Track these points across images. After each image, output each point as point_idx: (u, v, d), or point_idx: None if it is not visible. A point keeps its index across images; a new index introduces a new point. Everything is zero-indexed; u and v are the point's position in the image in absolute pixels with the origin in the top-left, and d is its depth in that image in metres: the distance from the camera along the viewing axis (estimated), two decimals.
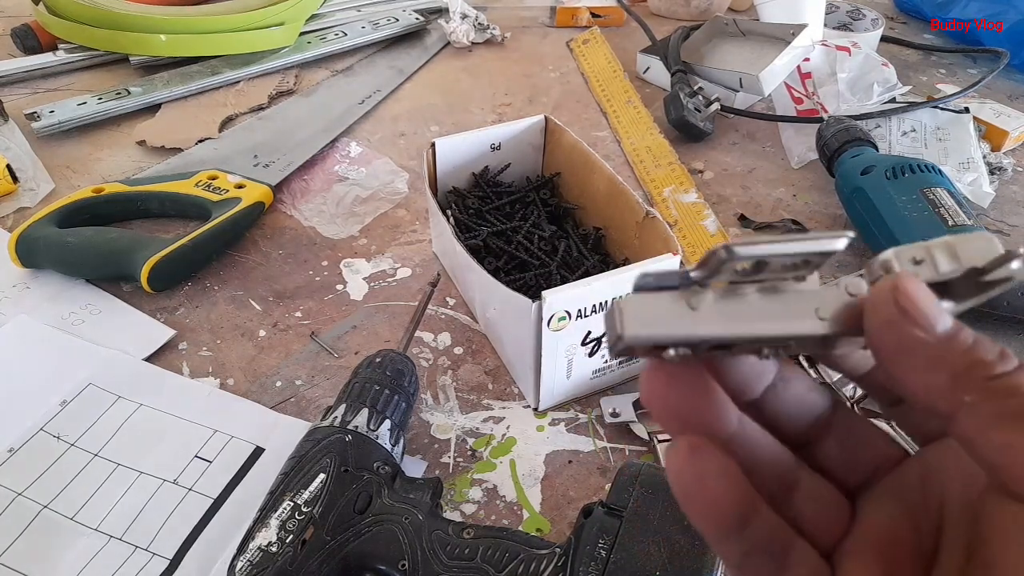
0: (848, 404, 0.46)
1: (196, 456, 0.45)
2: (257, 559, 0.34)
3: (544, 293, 0.41)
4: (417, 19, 0.98)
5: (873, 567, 0.19)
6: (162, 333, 0.53)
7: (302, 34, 0.93)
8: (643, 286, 0.18)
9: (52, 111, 0.76)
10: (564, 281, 0.49)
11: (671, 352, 0.18)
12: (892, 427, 0.22)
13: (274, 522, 0.35)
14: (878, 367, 0.20)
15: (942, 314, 0.17)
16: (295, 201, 0.68)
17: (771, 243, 0.17)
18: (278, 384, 0.51)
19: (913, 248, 0.19)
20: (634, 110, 0.81)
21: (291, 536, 0.35)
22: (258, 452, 0.46)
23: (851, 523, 0.20)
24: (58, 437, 0.46)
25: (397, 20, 0.97)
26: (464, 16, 0.97)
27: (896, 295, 0.17)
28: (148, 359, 0.52)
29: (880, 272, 0.19)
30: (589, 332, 0.45)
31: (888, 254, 0.19)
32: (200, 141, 0.75)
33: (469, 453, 0.46)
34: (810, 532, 0.20)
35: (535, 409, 0.49)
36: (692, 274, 0.18)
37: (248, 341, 0.54)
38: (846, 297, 0.19)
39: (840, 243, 0.18)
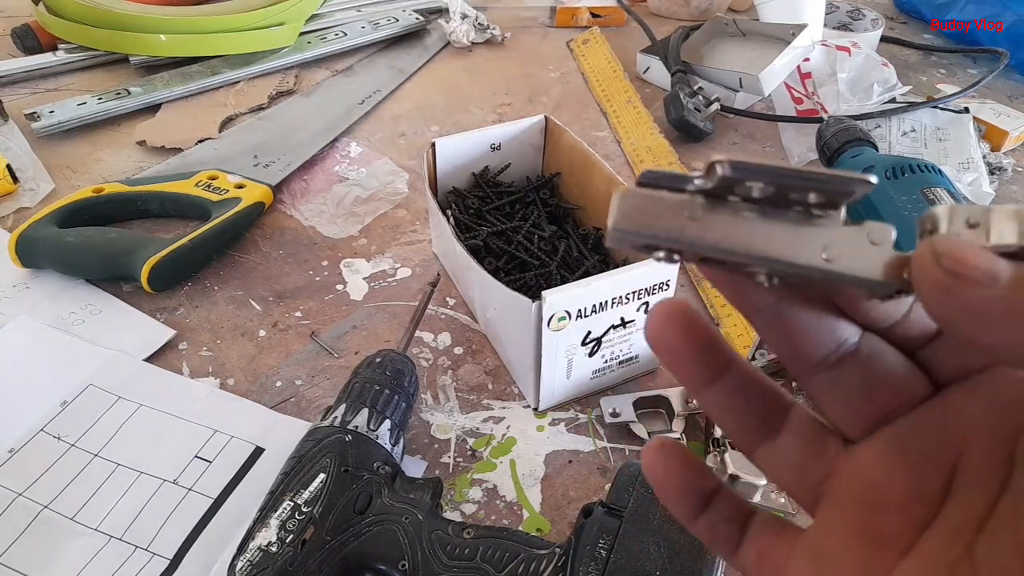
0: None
1: (196, 456, 0.45)
2: (257, 559, 0.34)
3: (544, 293, 0.41)
4: (417, 19, 0.98)
5: (850, 513, 0.19)
6: (162, 333, 0.53)
7: (302, 34, 0.93)
8: (646, 182, 0.18)
9: (52, 111, 0.76)
10: (564, 281, 0.49)
11: (659, 254, 0.18)
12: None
13: (274, 522, 0.35)
14: (908, 320, 0.19)
15: (998, 261, 0.15)
16: (295, 201, 0.68)
17: (778, 167, 0.16)
18: (278, 384, 0.51)
19: (970, 209, 0.16)
20: (634, 110, 0.81)
21: (291, 536, 0.35)
22: (258, 452, 0.46)
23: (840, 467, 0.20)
24: (58, 437, 0.46)
25: (397, 20, 0.98)
26: (464, 16, 0.97)
27: (940, 261, 0.15)
28: (148, 359, 0.52)
29: (927, 228, 0.17)
30: (589, 332, 0.45)
31: (940, 211, 0.17)
32: (200, 141, 0.75)
33: (469, 453, 0.46)
34: (789, 479, 0.21)
35: (535, 409, 0.49)
36: (696, 181, 0.17)
37: (248, 341, 0.54)
38: (866, 243, 0.17)
39: (860, 187, 0.16)
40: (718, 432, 0.45)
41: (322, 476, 0.37)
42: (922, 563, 0.17)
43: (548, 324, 0.43)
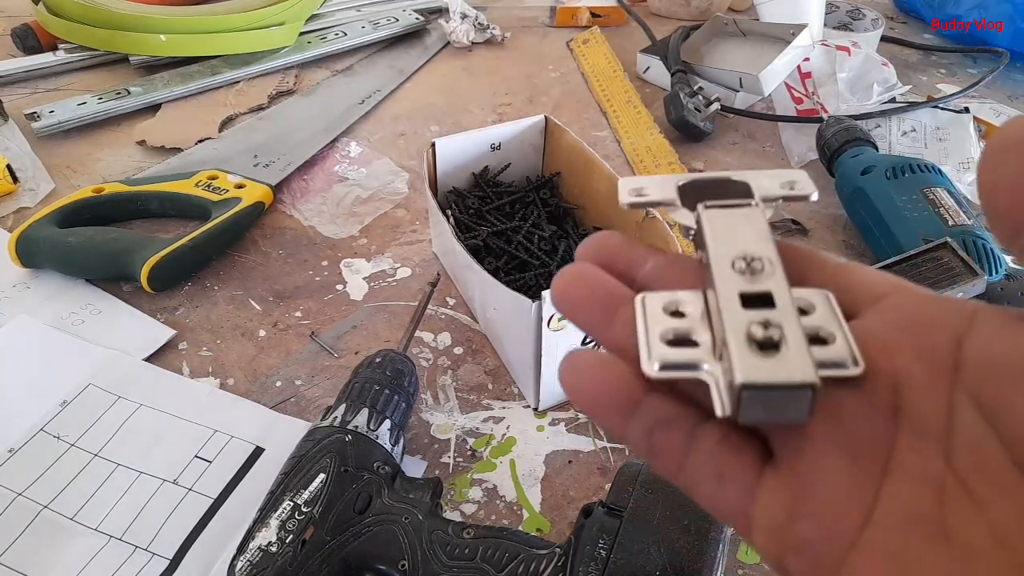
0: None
1: (196, 456, 0.45)
2: (257, 559, 0.34)
3: (544, 293, 0.41)
4: (417, 19, 0.98)
5: (822, 440, 0.17)
6: (162, 333, 0.53)
7: (302, 34, 0.93)
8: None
9: (52, 111, 0.76)
10: None
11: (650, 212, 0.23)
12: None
13: (274, 522, 0.35)
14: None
15: None
16: (295, 201, 0.68)
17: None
18: (278, 384, 0.51)
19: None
20: (634, 110, 0.81)
21: (291, 536, 0.35)
22: (258, 452, 0.46)
23: None
24: (58, 437, 0.46)
25: (397, 20, 0.97)
26: (464, 16, 0.97)
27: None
28: (148, 359, 0.52)
29: None
30: None
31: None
32: (200, 141, 0.75)
33: (469, 453, 0.46)
34: None
35: (535, 409, 0.49)
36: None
37: (248, 341, 0.54)
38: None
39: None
40: None
41: (322, 476, 0.37)
42: (907, 480, 0.16)
43: (548, 324, 0.43)
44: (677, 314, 0.19)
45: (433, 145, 0.57)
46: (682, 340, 0.18)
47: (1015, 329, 0.16)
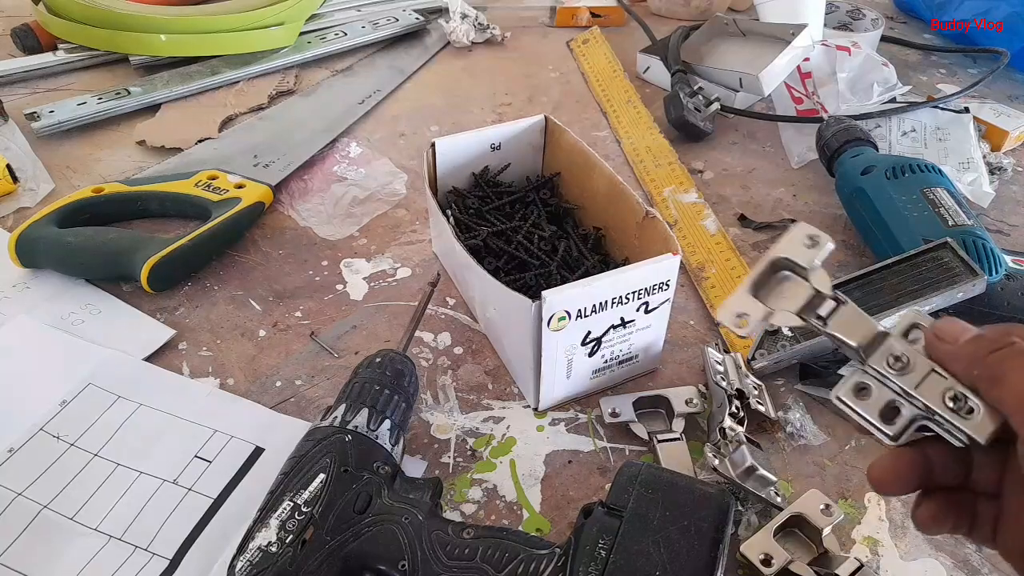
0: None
1: (196, 456, 0.45)
2: (257, 559, 0.34)
3: (544, 293, 0.41)
4: (417, 19, 0.98)
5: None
6: (162, 333, 0.53)
7: (302, 34, 0.93)
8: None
9: (52, 111, 0.76)
10: (564, 281, 0.49)
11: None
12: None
13: (274, 522, 0.35)
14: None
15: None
16: (293, 201, 0.68)
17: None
18: (278, 384, 0.51)
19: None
20: (634, 110, 0.81)
21: (291, 536, 0.35)
22: (258, 452, 0.46)
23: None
24: (58, 437, 0.46)
25: (397, 20, 0.98)
26: (464, 16, 0.97)
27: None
28: (148, 359, 0.52)
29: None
30: (589, 332, 0.45)
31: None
32: (200, 141, 0.75)
33: (469, 453, 0.46)
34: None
35: (535, 409, 0.49)
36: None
37: (248, 341, 0.54)
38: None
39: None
40: (727, 423, 0.45)
41: (322, 476, 0.37)
42: None
43: (548, 324, 0.43)
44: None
45: (433, 145, 0.57)
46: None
47: None
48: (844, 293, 0.29)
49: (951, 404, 0.26)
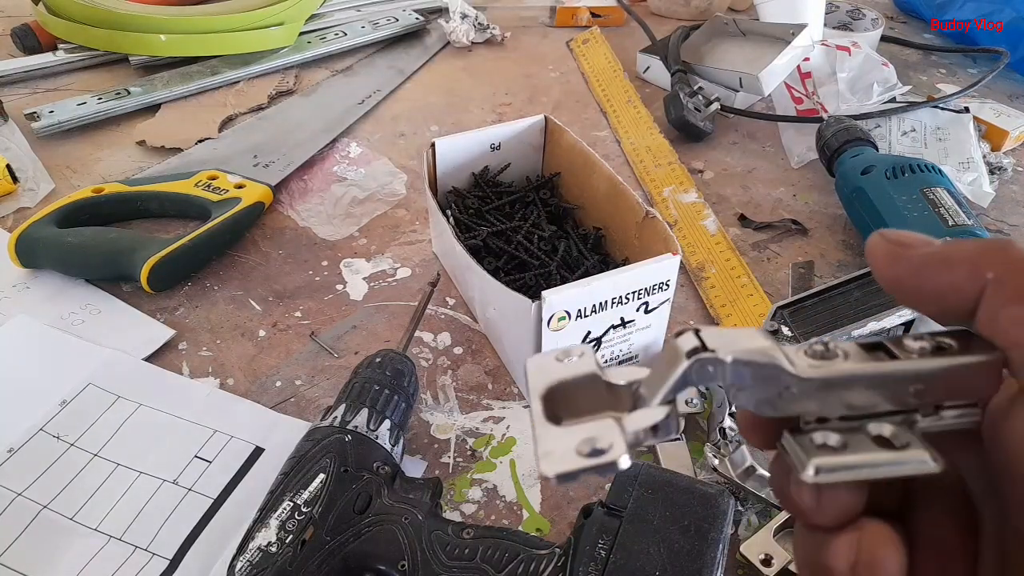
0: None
1: (196, 456, 0.45)
2: (257, 559, 0.34)
3: (544, 293, 0.41)
4: (417, 19, 0.98)
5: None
6: (162, 333, 0.53)
7: (302, 34, 0.93)
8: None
9: (52, 111, 0.76)
10: (564, 281, 0.49)
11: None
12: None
13: (274, 522, 0.35)
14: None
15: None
16: (293, 201, 0.68)
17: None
18: (278, 384, 0.51)
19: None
20: (634, 110, 0.81)
21: (291, 536, 0.35)
22: (258, 452, 0.46)
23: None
24: (58, 437, 0.46)
25: (397, 20, 0.97)
26: (464, 16, 0.97)
27: (886, 236, 0.20)
28: (148, 359, 0.52)
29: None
30: (589, 332, 0.45)
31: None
32: (200, 141, 0.75)
33: (469, 453, 0.46)
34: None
35: None
36: None
37: (248, 341, 0.54)
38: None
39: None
40: (727, 423, 0.45)
41: (322, 476, 0.37)
42: None
43: (548, 324, 0.43)
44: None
45: (433, 145, 0.57)
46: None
47: None
48: (844, 293, 0.27)
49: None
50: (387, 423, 0.41)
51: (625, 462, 0.17)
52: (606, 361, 0.48)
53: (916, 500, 0.20)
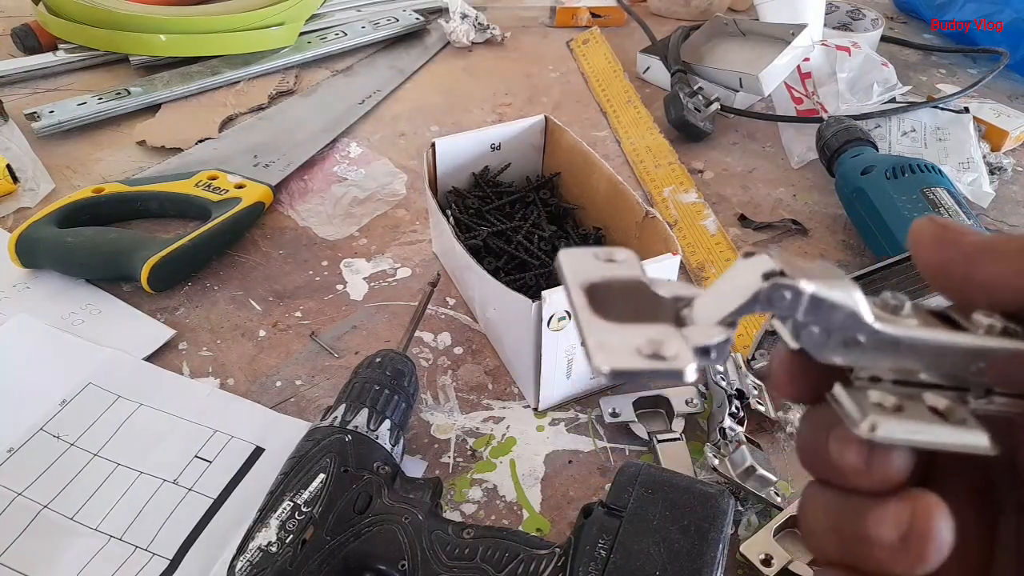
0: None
1: (196, 456, 0.45)
2: (257, 559, 0.34)
3: (544, 293, 0.41)
4: (417, 19, 0.98)
5: None
6: (162, 333, 0.53)
7: (302, 34, 0.93)
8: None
9: (52, 111, 0.76)
10: None
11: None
12: None
13: (274, 522, 0.35)
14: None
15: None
16: (293, 201, 0.68)
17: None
18: (278, 384, 0.51)
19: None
20: (634, 110, 0.81)
21: (291, 536, 0.35)
22: (258, 452, 0.46)
23: None
24: (58, 437, 0.46)
25: (397, 20, 0.97)
26: (464, 16, 0.97)
27: (934, 221, 0.19)
28: (148, 359, 0.52)
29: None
30: None
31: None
32: (200, 141, 0.75)
33: (469, 453, 0.46)
34: None
35: (535, 409, 0.49)
36: None
37: (248, 341, 0.54)
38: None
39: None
40: (727, 423, 0.45)
41: (322, 476, 0.37)
42: None
43: (548, 324, 0.43)
44: None
45: (433, 145, 0.57)
46: None
47: None
48: None
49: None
50: (387, 423, 0.41)
51: (692, 374, 0.16)
52: None
53: (936, 477, 0.19)
